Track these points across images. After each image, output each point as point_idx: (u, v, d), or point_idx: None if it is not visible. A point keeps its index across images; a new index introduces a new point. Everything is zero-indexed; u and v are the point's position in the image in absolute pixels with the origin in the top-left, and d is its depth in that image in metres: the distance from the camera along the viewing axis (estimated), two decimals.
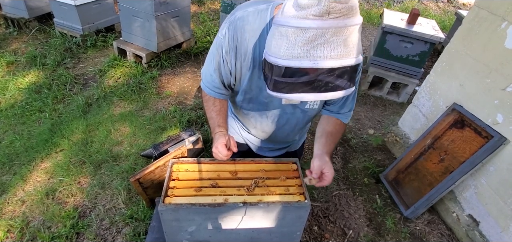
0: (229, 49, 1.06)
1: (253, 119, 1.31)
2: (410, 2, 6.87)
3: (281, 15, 0.80)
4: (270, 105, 1.21)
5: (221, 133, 1.21)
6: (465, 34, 2.12)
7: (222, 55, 1.09)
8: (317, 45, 0.74)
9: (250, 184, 1.17)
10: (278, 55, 0.81)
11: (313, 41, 0.74)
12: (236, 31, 1.03)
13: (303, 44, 0.75)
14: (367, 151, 2.77)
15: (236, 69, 1.10)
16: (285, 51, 0.79)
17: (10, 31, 4.21)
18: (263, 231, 1.19)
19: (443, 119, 2.15)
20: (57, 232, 1.89)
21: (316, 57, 0.75)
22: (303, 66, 0.77)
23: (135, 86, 3.27)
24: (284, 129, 1.33)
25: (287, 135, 1.40)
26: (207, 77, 1.19)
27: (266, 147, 1.49)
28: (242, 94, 1.21)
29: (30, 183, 2.21)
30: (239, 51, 1.05)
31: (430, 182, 2.09)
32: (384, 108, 3.45)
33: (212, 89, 1.20)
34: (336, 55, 0.75)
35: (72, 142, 2.56)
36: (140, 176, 1.77)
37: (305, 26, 0.74)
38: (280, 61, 0.80)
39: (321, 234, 2.02)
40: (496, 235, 1.87)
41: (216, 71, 1.14)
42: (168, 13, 3.41)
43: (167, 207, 1.04)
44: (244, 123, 1.40)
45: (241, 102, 1.26)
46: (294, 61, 0.77)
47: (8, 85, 3.16)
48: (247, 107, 1.27)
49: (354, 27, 0.76)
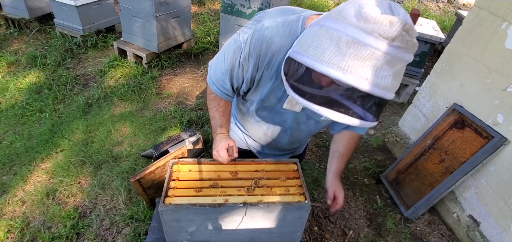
0: (249, 57, 1.00)
1: (266, 127, 1.26)
2: (410, 3, 6.87)
3: (337, 18, 0.71)
4: (286, 115, 1.17)
5: (223, 135, 1.18)
6: (465, 34, 2.12)
7: (239, 60, 1.04)
8: (368, 66, 0.67)
9: (250, 184, 1.17)
10: (319, 59, 0.72)
11: (366, 59, 0.67)
12: (262, 41, 0.96)
13: (355, 58, 0.67)
14: (367, 151, 2.76)
15: (254, 78, 1.06)
16: (330, 57, 0.70)
17: (10, 32, 4.21)
18: (264, 232, 1.18)
19: (444, 119, 2.15)
20: (57, 232, 1.89)
21: (362, 77, 0.67)
22: (345, 81, 0.68)
23: (135, 86, 3.27)
24: (295, 137, 1.31)
25: (296, 142, 1.38)
26: (217, 75, 1.14)
27: (272, 153, 1.46)
28: (258, 103, 1.15)
29: (30, 183, 2.21)
30: (262, 61, 1.00)
31: (431, 182, 2.09)
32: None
33: (220, 89, 1.16)
34: (383, 84, 0.68)
35: (72, 142, 2.56)
36: (141, 176, 1.77)
37: (366, 42, 0.66)
38: (320, 66, 0.71)
39: (322, 234, 2.02)
40: (496, 235, 1.87)
41: (228, 72, 1.09)
42: (168, 14, 3.42)
43: (167, 208, 1.04)
44: (251, 130, 1.35)
45: (254, 111, 1.21)
46: (337, 72, 0.68)
47: (8, 85, 3.16)
48: (261, 116, 1.23)
49: (406, 63, 0.71)
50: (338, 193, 1.19)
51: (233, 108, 1.40)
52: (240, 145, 1.44)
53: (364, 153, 2.74)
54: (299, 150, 1.54)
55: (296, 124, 1.22)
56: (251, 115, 1.25)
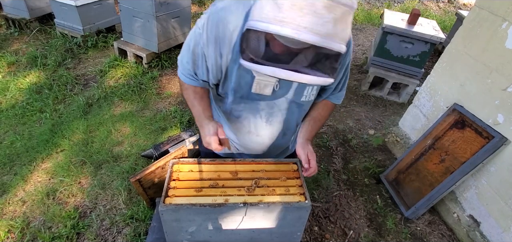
0: (208, 42, 0.98)
1: (246, 121, 1.21)
2: (411, 2, 6.87)
3: None
4: (262, 103, 1.13)
5: (208, 121, 1.09)
6: (465, 34, 2.12)
7: (200, 47, 1.01)
8: (305, 13, 0.66)
9: (250, 184, 1.17)
10: (259, 17, 0.72)
11: (301, 8, 0.66)
12: (218, 23, 0.94)
13: (290, 8, 0.67)
14: (367, 151, 2.76)
15: (221, 65, 1.02)
16: (268, 13, 0.70)
17: (11, 32, 4.22)
18: (264, 232, 1.18)
19: (444, 119, 2.15)
20: (58, 232, 1.89)
21: (300, 26, 0.67)
22: (284, 34, 0.68)
23: (135, 86, 3.27)
24: (280, 128, 1.25)
25: (283, 135, 1.30)
26: (185, 67, 1.11)
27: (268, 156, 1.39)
28: (232, 94, 1.11)
29: (30, 183, 2.21)
30: (223, 45, 0.97)
31: (431, 183, 2.09)
32: (384, 108, 3.44)
33: (187, 76, 1.12)
34: (323, 32, 0.68)
35: (72, 142, 2.56)
36: (141, 176, 1.77)
37: None
38: (260, 24, 0.71)
39: (322, 234, 2.02)
40: (497, 235, 1.87)
41: (191, 63, 1.07)
42: (168, 14, 3.42)
43: (168, 208, 1.04)
44: (237, 130, 1.27)
45: (232, 104, 1.17)
46: (275, 26, 0.69)
47: (9, 85, 3.16)
48: (239, 108, 1.18)
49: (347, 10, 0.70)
50: (310, 156, 1.13)
51: (220, 112, 1.33)
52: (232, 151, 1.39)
53: (364, 153, 2.74)
54: (291, 148, 1.47)
55: (278, 111, 1.17)
56: (230, 113, 1.21)
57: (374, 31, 5.45)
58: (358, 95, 3.60)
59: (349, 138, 2.90)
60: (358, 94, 3.61)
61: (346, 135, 2.94)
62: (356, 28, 5.58)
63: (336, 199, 2.27)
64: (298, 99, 1.14)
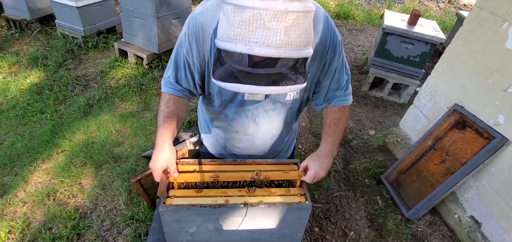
0: (191, 48, 1.00)
1: (234, 123, 1.22)
2: (411, 3, 6.87)
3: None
4: (249, 104, 1.14)
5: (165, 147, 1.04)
6: (466, 35, 2.12)
7: (183, 56, 1.03)
8: (254, 28, 0.67)
9: (251, 176, 1.17)
10: (218, 35, 0.74)
11: (250, 23, 0.67)
12: (197, 28, 0.96)
13: (240, 25, 0.68)
14: (368, 152, 2.76)
15: (205, 70, 1.05)
16: (224, 31, 0.72)
17: (12, 33, 4.23)
18: (264, 232, 1.18)
19: (445, 120, 2.15)
20: (58, 233, 1.89)
21: (251, 42, 0.68)
22: (238, 51, 0.69)
23: (136, 87, 3.28)
24: (268, 128, 1.25)
25: (272, 137, 1.30)
26: (166, 76, 1.12)
27: None
28: (218, 98, 1.13)
29: (31, 184, 2.21)
30: (204, 48, 0.99)
31: (432, 183, 2.09)
32: (385, 109, 3.44)
33: (166, 85, 1.11)
34: (274, 43, 0.67)
35: (73, 143, 2.56)
36: (141, 177, 1.77)
37: (242, 4, 0.67)
38: (219, 42, 0.73)
39: (322, 235, 2.02)
40: (498, 236, 1.87)
41: (173, 70, 1.08)
42: (169, 14, 3.42)
43: (168, 208, 1.04)
44: (224, 130, 1.28)
45: (219, 108, 1.18)
46: (230, 44, 0.70)
47: (10, 86, 3.17)
48: (227, 112, 1.20)
49: (299, 15, 0.68)
50: (311, 166, 1.12)
51: (208, 119, 1.34)
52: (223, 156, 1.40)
53: (364, 154, 2.74)
54: (284, 153, 1.47)
55: (263, 112, 1.18)
56: (219, 115, 1.23)
57: (374, 32, 5.45)
58: (358, 96, 3.60)
59: (349, 138, 2.90)
60: (358, 95, 3.60)
61: (346, 136, 2.94)
62: (357, 28, 5.58)
63: (337, 200, 2.27)
64: (283, 99, 1.15)
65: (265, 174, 1.16)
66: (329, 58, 1.07)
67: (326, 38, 1.02)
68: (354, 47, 4.82)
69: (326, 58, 1.06)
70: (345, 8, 6.02)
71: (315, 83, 1.16)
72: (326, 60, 1.07)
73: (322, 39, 1.01)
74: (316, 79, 1.14)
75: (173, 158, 1.07)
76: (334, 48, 1.06)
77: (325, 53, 1.05)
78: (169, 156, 1.05)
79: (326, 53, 1.05)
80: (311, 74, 1.09)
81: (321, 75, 1.12)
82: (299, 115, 1.36)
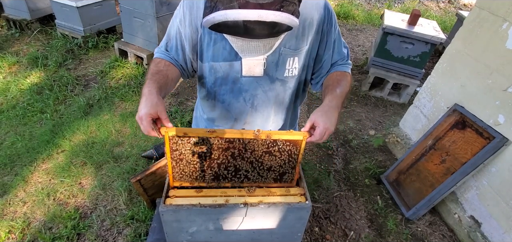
0: (184, 17, 1.06)
1: (231, 107, 1.22)
2: (411, 3, 6.87)
3: None
4: (246, 84, 1.14)
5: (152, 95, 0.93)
6: (466, 35, 2.12)
7: (177, 25, 1.09)
8: None
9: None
10: None
11: None
12: (191, 3, 1.03)
13: None
14: (368, 152, 2.76)
15: (197, 39, 1.09)
16: None
17: (12, 33, 4.23)
18: (264, 232, 1.18)
19: (445, 120, 2.15)
20: (58, 233, 1.89)
21: None
22: None
23: (136, 87, 3.28)
24: (267, 111, 1.23)
25: (272, 123, 1.29)
26: (159, 46, 1.18)
27: None
28: (211, 74, 1.15)
29: (31, 184, 2.21)
30: (197, 20, 1.05)
31: (432, 183, 2.09)
32: (385, 109, 3.44)
33: (158, 51, 1.16)
34: None
35: (73, 143, 2.56)
36: (141, 177, 1.77)
37: None
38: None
39: (322, 235, 2.02)
40: (498, 236, 1.87)
41: (165, 41, 1.15)
42: (169, 14, 3.42)
43: (168, 208, 1.04)
44: (223, 118, 1.27)
45: (213, 87, 1.19)
46: None
47: (10, 86, 3.17)
48: (221, 92, 1.19)
49: None
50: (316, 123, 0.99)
51: (204, 108, 1.33)
52: None
53: (364, 154, 2.74)
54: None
55: (262, 93, 1.17)
56: (214, 98, 1.23)
57: (374, 32, 5.45)
58: (358, 95, 3.60)
59: (349, 138, 2.90)
60: (358, 95, 3.60)
61: (346, 136, 2.94)
62: (357, 28, 5.58)
63: (337, 200, 2.27)
64: (281, 75, 1.14)
65: (267, 132, 1.06)
66: (326, 28, 1.11)
67: (321, 7, 1.07)
68: (354, 47, 4.82)
69: (324, 28, 1.10)
70: (345, 8, 6.02)
71: (313, 58, 1.17)
72: (324, 31, 1.11)
73: (317, 8, 1.06)
74: (315, 54, 1.16)
75: (163, 106, 0.93)
76: (330, 18, 1.10)
77: (322, 23, 1.09)
78: (158, 102, 0.93)
79: (323, 22, 1.09)
80: (309, 47, 1.11)
81: (321, 48, 1.15)
82: (298, 102, 1.33)
